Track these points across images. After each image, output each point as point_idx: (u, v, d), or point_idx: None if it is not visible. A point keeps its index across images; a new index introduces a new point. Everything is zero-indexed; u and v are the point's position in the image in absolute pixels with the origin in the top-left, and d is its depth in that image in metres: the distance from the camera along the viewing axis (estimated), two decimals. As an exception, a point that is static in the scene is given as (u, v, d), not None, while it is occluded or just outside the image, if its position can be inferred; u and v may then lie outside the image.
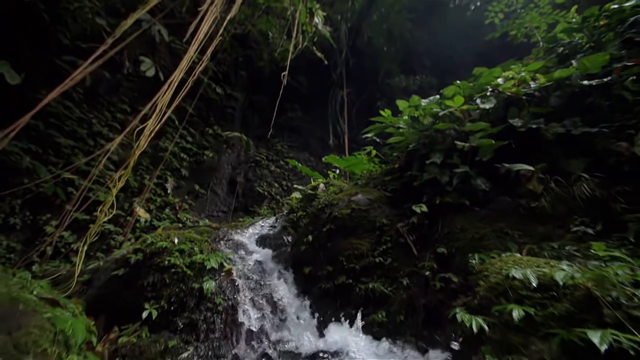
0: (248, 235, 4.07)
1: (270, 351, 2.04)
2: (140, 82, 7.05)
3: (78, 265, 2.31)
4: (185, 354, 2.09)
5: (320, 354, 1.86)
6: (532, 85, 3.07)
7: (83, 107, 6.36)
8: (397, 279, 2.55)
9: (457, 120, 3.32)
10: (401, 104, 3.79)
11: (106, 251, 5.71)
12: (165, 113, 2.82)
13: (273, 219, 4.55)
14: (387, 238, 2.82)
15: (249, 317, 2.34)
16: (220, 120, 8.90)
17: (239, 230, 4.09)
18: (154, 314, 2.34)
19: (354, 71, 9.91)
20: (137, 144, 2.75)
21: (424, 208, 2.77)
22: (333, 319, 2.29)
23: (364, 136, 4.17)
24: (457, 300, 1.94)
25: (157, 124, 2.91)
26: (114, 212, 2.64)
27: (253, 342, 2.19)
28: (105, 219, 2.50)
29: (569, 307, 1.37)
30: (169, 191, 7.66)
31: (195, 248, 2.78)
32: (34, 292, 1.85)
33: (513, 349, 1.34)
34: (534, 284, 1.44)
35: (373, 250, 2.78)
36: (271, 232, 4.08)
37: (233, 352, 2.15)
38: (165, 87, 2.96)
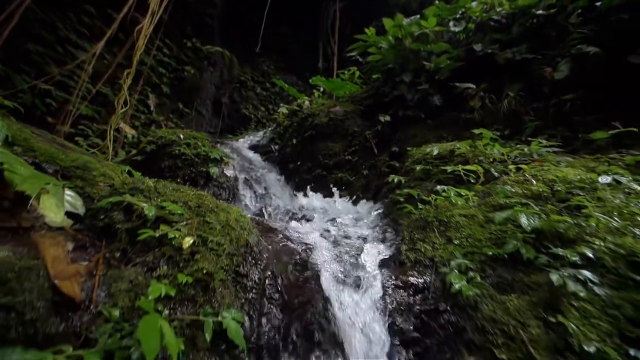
0: (240, 144, 4.91)
1: (263, 209, 3.11)
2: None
3: (109, 139, 3.11)
4: (202, 210, 3.13)
5: (301, 209, 2.94)
6: (498, 11, 3.60)
7: (44, 7, 6.11)
8: (360, 170, 3.57)
9: (432, 42, 3.90)
10: (387, 22, 4.20)
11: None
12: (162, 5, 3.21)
13: (261, 132, 5.34)
14: (356, 142, 3.75)
15: (246, 191, 3.36)
16: (198, 32, 8.64)
17: (231, 140, 4.89)
18: (174, 186, 3.29)
19: (350, -19, 9.30)
20: (137, 44, 3.23)
21: (388, 118, 3.62)
22: (310, 194, 3.35)
23: (348, 55, 4.66)
24: (396, 176, 2.97)
25: (152, 24, 3.32)
26: (128, 109, 3.30)
27: (250, 205, 3.25)
28: (122, 111, 3.19)
29: (452, 165, 2.38)
30: (152, 108, 8.02)
31: (198, 143, 3.60)
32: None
33: (413, 187, 2.38)
34: (435, 153, 2.42)
35: (344, 151, 3.73)
36: (260, 142, 4.92)
37: (236, 212, 3.22)
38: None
